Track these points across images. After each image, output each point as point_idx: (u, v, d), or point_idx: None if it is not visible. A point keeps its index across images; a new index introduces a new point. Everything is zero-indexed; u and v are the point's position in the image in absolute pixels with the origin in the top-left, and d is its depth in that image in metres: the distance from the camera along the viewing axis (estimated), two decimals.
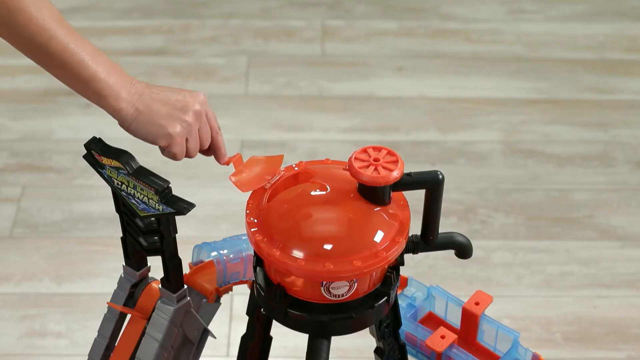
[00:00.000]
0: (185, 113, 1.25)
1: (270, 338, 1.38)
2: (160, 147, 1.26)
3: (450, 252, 1.34)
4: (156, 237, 1.32)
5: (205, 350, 1.49)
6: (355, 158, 1.23)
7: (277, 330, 1.36)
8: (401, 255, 1.27)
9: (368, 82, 2.71)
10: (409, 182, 1.24)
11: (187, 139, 1.26)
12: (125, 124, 1.23)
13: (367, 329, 1.35)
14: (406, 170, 1.24)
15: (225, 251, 1.47)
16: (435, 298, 1.50)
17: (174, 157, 1.27)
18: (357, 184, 1.24)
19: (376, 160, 1.23)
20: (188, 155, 1.28)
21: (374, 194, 1.23)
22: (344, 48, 2.83)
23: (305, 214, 1.23)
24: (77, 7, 2.95)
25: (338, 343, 1.61)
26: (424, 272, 2.16)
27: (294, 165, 1.31)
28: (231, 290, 1.48)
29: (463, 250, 1.33)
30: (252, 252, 1.27)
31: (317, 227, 1.23)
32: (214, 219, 2.28)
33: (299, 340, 1.77)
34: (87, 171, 2.38)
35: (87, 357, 1.46)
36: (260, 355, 1.38)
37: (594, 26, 2.92)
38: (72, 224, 2.27)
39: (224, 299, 1.57)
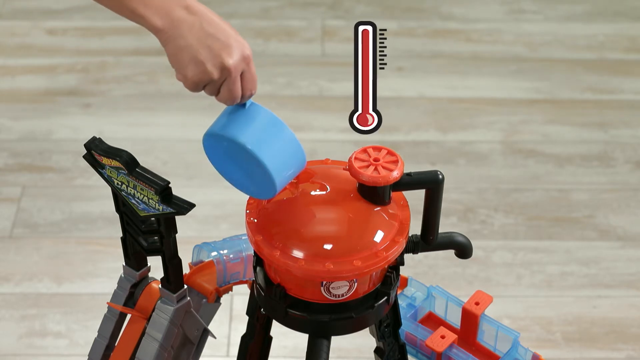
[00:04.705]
0: (216, 67, 1.19)
1: (270, 338, 1.38)
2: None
3: (450, 252, 1.34)
4: (156, 237, 1.32)
5: (205, 350, 1.49)
6: (355, 158, 1.23)
7: (277, 330, 1.36)
8: (401, 255, 1.27)
9: None
10: (408, 182, 1.24)
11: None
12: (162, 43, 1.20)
13: (367, 329, 1.35)
14: (406, 170, 1.24)
15: (225, 251, 1.47)
16: (435, 298, 1.50)
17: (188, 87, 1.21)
18: (357, 184, 1.24)
19: (376, 160, 1.23)
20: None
21: (374, 194, 1.23)
22: (344, 48, 2.83)
23: (305, 213, 1.23)
24: (77, 7, 2.95)
25: (338, 343, 1.61)
26: (424, 272, 2.16)
27: None
28: (231, 290, 1.48)
29: (463, 250, 1.33)
30: (252, 252, 1.27)
31: (317, 227, 1.23)
32: (214, 219, 2.28)
33: (299, 340, 1.77)
34: (87, 171, 2.38)
35: (87, 357, 1.46)
36: (260, 355, 1.38)
37: (594, 26, 2.92)
38: (72, 224, 2.27)
39: (224, 299, 1.57)
